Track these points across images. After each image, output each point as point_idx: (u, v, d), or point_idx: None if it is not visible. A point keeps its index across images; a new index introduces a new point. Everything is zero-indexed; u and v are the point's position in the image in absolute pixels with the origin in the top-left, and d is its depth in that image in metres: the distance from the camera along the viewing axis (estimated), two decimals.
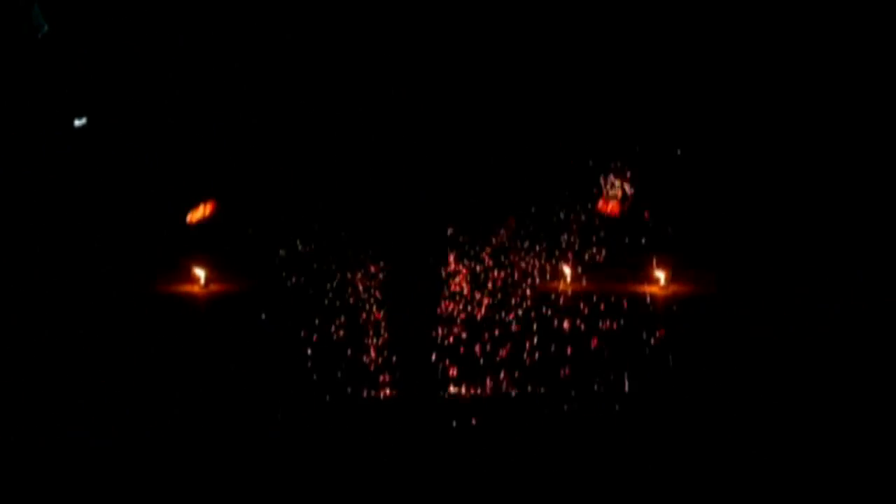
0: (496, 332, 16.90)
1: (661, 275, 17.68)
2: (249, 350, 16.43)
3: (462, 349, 16.72)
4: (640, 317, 17.15)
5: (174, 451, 14.88)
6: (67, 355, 16.35)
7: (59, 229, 17.97)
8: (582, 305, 17.35)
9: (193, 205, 17.90)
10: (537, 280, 17.74)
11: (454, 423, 15.26)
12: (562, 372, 16.47)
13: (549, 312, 17.25)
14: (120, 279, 17.55)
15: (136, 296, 17.43)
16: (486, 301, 17.33)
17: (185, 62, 18.14)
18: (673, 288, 17.58)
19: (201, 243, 17.80)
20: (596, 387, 16.21)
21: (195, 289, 17.44)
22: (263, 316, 16.89)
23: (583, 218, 18.00)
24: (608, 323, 17.12)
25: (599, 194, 18.05)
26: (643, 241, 17.87)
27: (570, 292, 17.57)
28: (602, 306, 17.31)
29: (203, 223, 17.83)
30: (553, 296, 17.50)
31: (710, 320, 17.08)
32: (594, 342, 16.84)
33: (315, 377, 16.17)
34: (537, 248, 17.89)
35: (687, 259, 17.79)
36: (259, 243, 17.77)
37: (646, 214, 17.92)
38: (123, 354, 16.38)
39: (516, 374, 16.38)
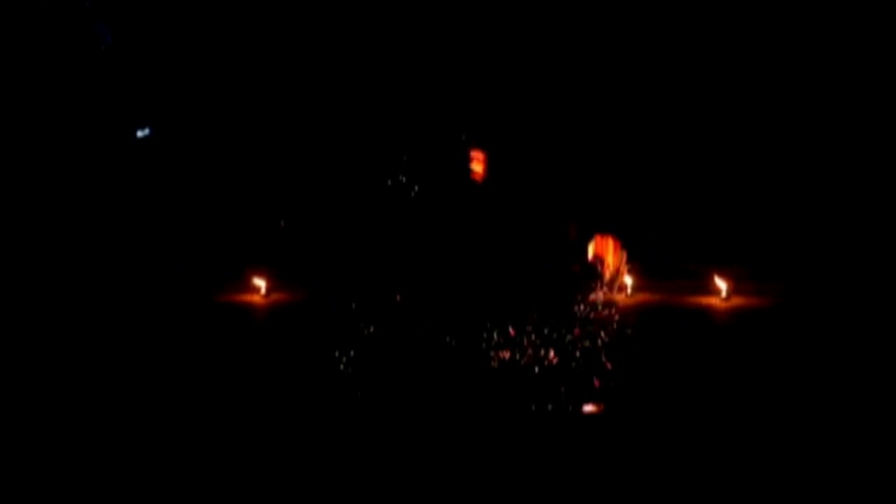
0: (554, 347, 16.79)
1: (723, 286, 17.43)
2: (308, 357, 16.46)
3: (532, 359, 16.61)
4: (701, 329, 16.91)
5: (247, 451, 14.96)
6: (133, 358, 16.56)
7: (123, 237, 18.20)
8: (641, 317, 17.18)
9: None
10: (599, 292, 17.57)
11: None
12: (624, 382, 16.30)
13: (615, 322, 17.09)
14: (183, 287, 17.74)
15: (200, 304, 17.60)
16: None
17: (242, 72, 18.29)
18: (735, 300, 17.33)
19: (262, 254, 17.93)
20: (657, 397, 15.99)
21: (256, 298, 17.56)
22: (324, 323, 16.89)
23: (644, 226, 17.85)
24: (667, 334, 16.90)
25: None
26: (705, 252, 17.69)
27: (631, 304, 17.39)
28: (662, 318, 17.12)
29: None
30: (614, 308, 17.34)
31: (775, 333, 16.76)
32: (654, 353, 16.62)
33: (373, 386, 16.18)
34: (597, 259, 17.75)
35: (750, 270, 17.55)
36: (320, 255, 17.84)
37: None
38: (186, 359, 16.53)
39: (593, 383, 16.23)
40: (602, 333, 16.85)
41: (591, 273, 17.44)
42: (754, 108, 18.18)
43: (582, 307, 17.19)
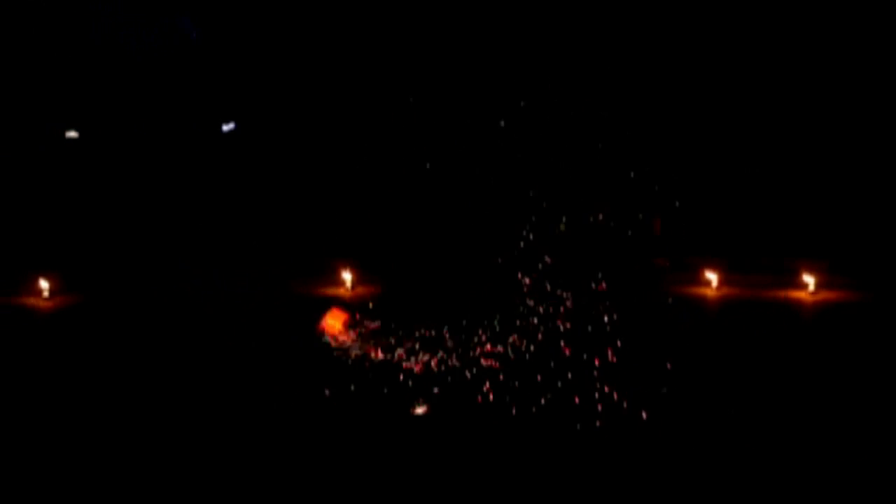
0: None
1: (810, 280, 17.24)
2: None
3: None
4: (788, 323, 16.73)
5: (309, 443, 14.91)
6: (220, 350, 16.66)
7: (207, 230, 18.37)
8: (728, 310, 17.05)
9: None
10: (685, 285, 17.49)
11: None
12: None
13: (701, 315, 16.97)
14: (271, 281, 17.84)
15: (284, 297, 17.67)
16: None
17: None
18: (823, 294, 17.12)
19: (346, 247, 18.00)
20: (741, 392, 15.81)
21: (341, 291, 17.61)
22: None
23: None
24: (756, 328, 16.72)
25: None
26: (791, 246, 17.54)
27: (718, 297, 17.27)
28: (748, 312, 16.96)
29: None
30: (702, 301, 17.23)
31: (863, 327, 16.50)
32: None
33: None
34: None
35: (839, 264, 17.34)
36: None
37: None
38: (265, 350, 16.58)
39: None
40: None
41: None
42: (840, 103, 18.01)
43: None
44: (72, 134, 18.81)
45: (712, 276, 17.51)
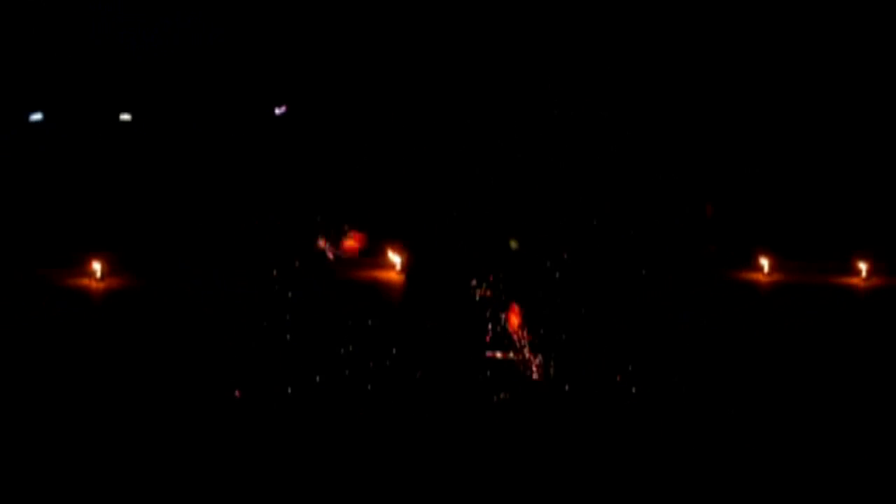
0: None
1: (863, 266, 17.52)
2: None
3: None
4: (842, 308, 16.99)
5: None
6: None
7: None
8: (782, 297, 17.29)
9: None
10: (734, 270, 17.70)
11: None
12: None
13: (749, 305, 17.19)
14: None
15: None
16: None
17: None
18: (875, 280, 17.41)
19: None
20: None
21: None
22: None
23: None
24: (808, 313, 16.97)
25: None
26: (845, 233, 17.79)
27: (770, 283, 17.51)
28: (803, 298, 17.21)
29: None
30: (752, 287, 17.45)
31: None
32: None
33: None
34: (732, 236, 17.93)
35: (889, 251, 17.63)
36: None
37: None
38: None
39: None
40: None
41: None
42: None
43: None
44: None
45: (764, 262, 17.76)
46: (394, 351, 16.00)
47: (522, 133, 18.38)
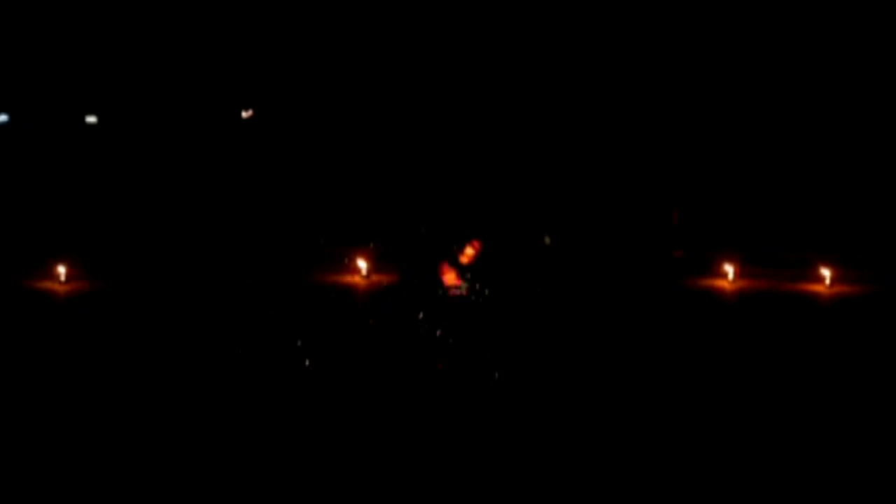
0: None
1: (826, 273, 17.54)
2: None
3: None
4: (805, 315, 16.99)
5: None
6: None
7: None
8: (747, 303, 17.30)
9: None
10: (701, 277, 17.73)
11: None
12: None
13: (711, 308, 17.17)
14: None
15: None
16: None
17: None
18: (838, 287, 17.43)
19: None
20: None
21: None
22: None
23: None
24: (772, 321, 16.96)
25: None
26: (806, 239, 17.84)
27: (734, 289, 17.52)
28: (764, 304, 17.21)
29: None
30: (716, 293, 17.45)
31: (878, 319, 16.76)
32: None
33: None
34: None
35: (853, 258, 17.66)
36: None
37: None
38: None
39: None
40: None
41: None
42: (858, 103, 18.40)
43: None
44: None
45: (729, 269, 17.77)
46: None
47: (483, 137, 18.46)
